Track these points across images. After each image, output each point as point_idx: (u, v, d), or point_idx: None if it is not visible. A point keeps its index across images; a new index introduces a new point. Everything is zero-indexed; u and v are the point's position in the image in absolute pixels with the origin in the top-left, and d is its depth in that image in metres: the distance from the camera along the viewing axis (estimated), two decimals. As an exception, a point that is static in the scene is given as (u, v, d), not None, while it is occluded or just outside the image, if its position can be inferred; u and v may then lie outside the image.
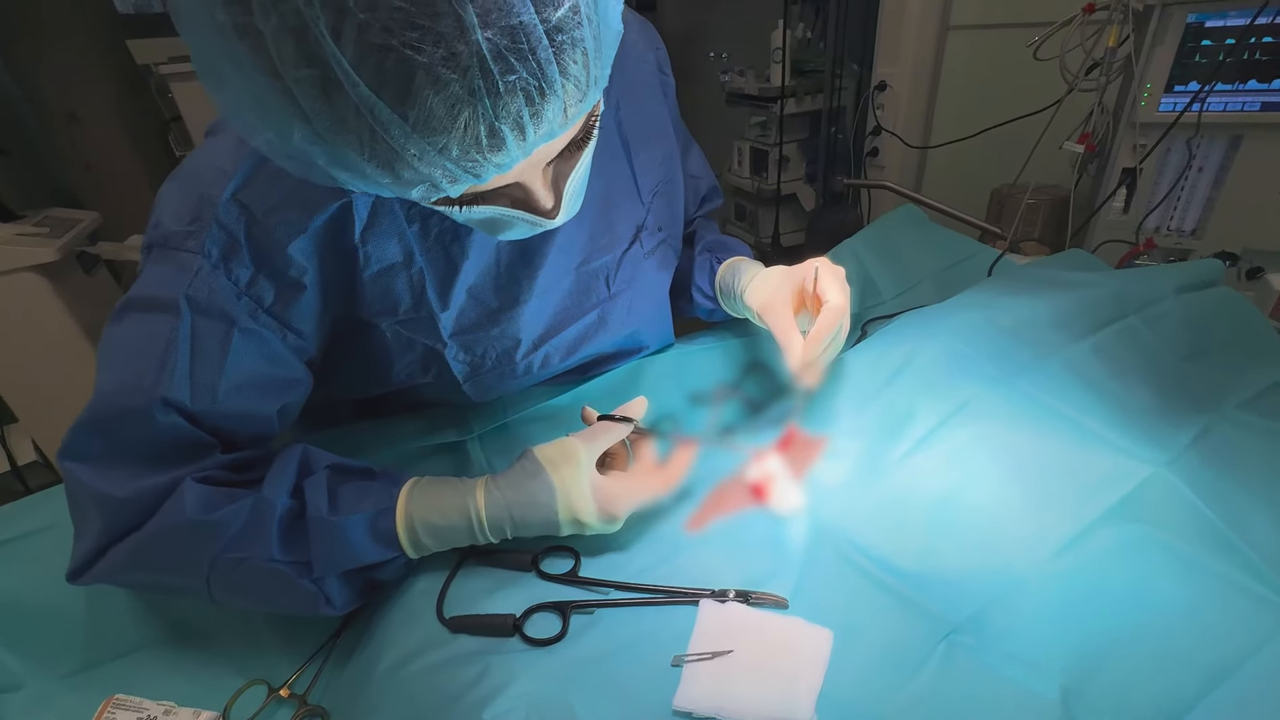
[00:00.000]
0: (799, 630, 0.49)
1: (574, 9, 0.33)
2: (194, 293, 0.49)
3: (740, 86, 2.07)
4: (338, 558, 0.51)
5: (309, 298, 0.53)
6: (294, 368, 0.55)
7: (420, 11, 0.29)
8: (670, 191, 0.75)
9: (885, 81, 1.71)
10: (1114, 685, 0.42)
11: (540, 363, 0.68)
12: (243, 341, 0.51)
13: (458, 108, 0.32)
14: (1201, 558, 0.47)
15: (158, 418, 0.48)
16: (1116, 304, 0.67)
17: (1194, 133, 1.07)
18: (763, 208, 2.21)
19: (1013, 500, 0.53)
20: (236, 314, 0.50)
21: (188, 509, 0.48)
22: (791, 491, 0.60)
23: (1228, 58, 1.02)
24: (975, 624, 0.46)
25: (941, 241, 1.00)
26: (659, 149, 0.72)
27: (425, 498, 0.53)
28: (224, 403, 0.51)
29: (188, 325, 0.49)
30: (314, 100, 0.32)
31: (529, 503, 0.53)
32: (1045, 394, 0.59)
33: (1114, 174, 1.17)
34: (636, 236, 0.71)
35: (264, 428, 0.56)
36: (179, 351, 0.49)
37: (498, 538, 0.54)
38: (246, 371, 0.52)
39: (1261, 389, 0.63)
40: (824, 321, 0.60)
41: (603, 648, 0.49)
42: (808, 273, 0.63)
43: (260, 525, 0.49)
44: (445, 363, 0.62)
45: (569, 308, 0.67)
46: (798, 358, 0.60)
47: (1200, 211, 1.16)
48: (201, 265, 0.49)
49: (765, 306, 0.66)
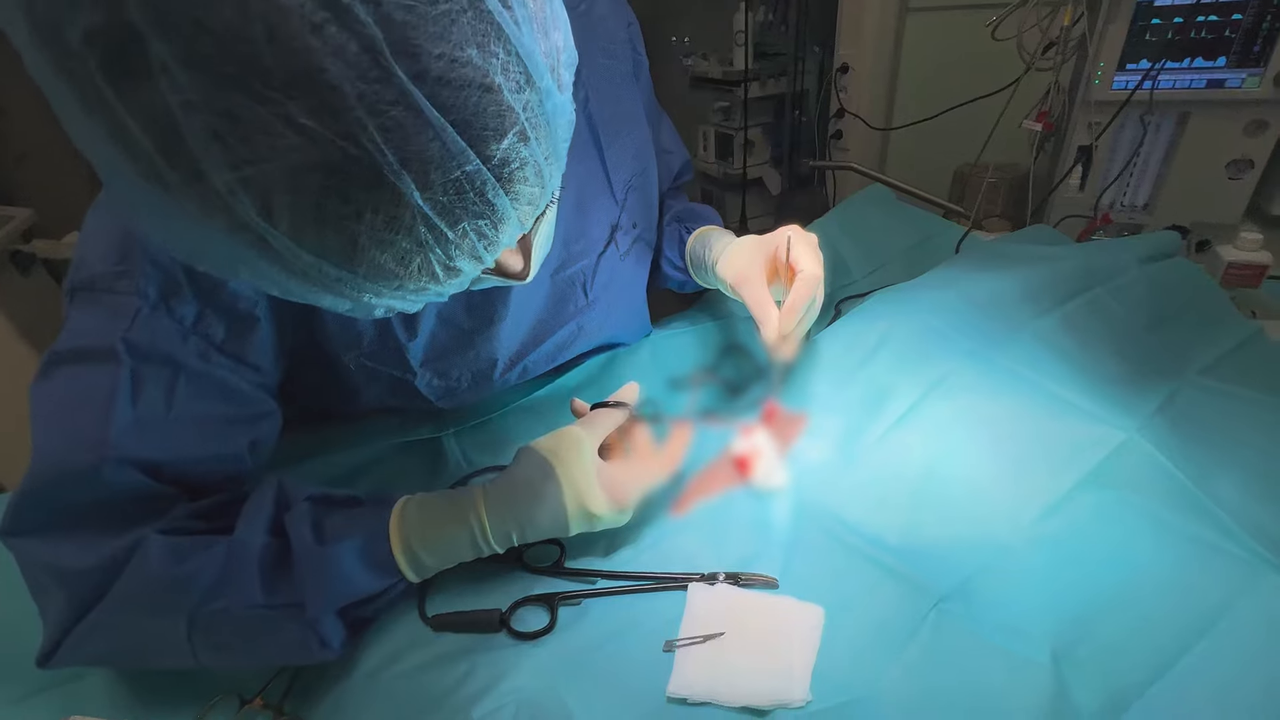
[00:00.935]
0: (790, 609, 0.49)
1: (520, 134, 0.30)
2: (133, 337, 0.44)
3: (704, 70, 2.05)
4: (332, 592, 0.46)
5: (264, 330, 0.49)
6: (258, 403, 0.51)
7: (353, 185, 0.27)
8: (645, 184, 0.72)
9: (847, 64, 1.71)
10: (1101, 646, 0.42)
11: (518, 376, 0.66)
12: (191, 385, 0.46)
13: (408, 258, 0.31)
14: (1175, 519, 0.49)
15: (108, 476, 0.44)
16: (1083, 276, 0.69)
17: (1147, 109, 1.10)
18: (729, 193, 2.20)
19: (993, 470, 0.53)
20: (183, 357, 0.45)
21: (153, 565, 0.43)
22: (775, 469, 0.59)
23: (1176, 36, 1.05)
24: (963, 593, 0.47)
25: (909, 220, 1.01)
26: (631, 139, 0.69)
27: (421, 514, 0.49)
28: (182, 449, 0.47)
29: (128, 372, 0.44)
30: (253, 253, 0.30)
31: (534, 500, 0.50)
32: (1019, 365, 0.59)
33: (1070, 152, 1.19)
34: (612, 237, 0.68)
35: (234, 467, 0.51)
36: (122, 401, 0.44)
37: (504, 546, 0.51)
38: (203, 413, 0.47)
39: (1220, 355, 0.65)
40: (798, 291, 0.58)
41: (593, 638, 0.49)
42: (780, 241, 0.61)
43: (238, 570, 0.45)
44: (415, 390, 0.59)
45: (546, 320, 0.65)
46: (773, 330, 0.59)
47: (1152, 187, 1.20)
48: (139, 307, 0.44)
49: (739, 278, 0.64)
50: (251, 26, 0.24)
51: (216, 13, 0.24)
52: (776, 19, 1.97)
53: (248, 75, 0.25)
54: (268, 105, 0.25)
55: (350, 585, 0.47)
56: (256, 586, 0.45)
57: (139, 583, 0.44)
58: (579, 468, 0.51)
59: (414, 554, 0.48)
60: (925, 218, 1.03)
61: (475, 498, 0.50)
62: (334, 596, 0.46)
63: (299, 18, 0.24)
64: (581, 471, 0.51)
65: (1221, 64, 1.05)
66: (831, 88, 1.77)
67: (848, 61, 1.72)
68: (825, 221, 0.99)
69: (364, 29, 0.25)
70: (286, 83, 0.25)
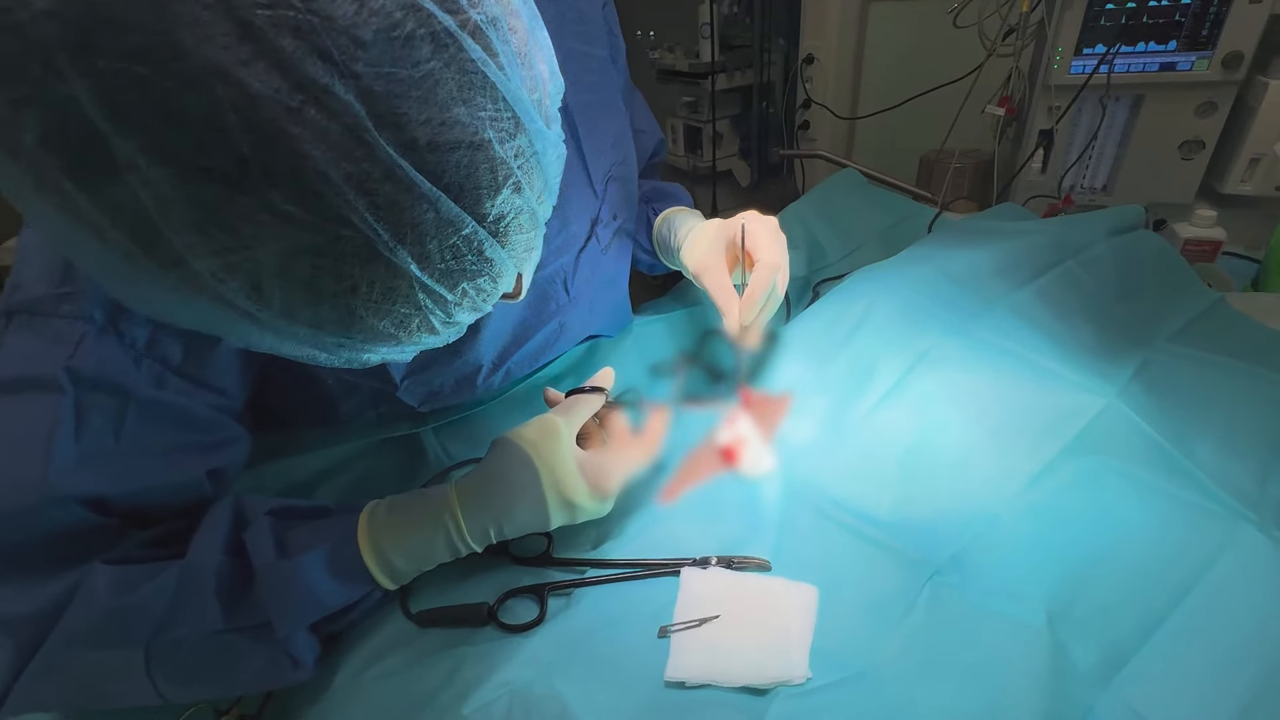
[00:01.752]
0: (784, 589, 0.48)
1: (514, 186, 0.29)
2: (77, 365, 0.40)
3: (671, 63, 2.04)
4: (300, 608, 0.43)
5: (225, 348, 0.45)
6: (219, 429, 0.47)
7: (346, 263, 0.26)
8: (625, 173, 0.70)
9: (812, 55, 1.73)
10: (1094, 606, 0.43)
11: (501, 380, 0.63)
12: (143, 414, 0.42)
13: (407, 321, 0.30)
14: (1156, 480, 0.49)
15: (53, 513, 0.40)
16: (1054, 250, 0.70)
17: (1104, 92, 1.13)
18: (699, 185, 2.20)
19: (979, 442, 0.54)
20: (133, 384, 0.42)
21: (100, 597, 0.40)
22: (763, 453, 0.59)
23: (1129, 20, 1.08)
24: (957, 563, 0.47)
25: (882, 202, 1.02)
26: (610, 128, 0.67)
27: (391, 517, 0.47)
28: (132, 481, 0.43)
29: (72, 402, 0.40)
30: (243, 323, 0.28)
31: (512, 493, 0.47)
32: (1000, 338, 0.60)
33: (1032, 135, 1.22)
34: (592, 232, 0.66)
35: (191, 495, 0.46)
36: (64, 435, 0.40)
37: (482, 544, 0.48)
38: (156, 442, 0.43)
39: (1186, 322, 0.67)
40: (757, 280, 0.57)
41: (585, 627, 0.47)
42: (737, 229, 0.60)
43: (194, 593, 0.41)
44: (396, 400, 0.57)
45: (527, 320, 0.62)
46: (734, 320, 0.58)
47: (1110, 168, 1.23)
48: (85, 332, 0.40)
49: (699, 266, 0.63)
50: (224, 117, 0.22)
51: (182, 105, 0.22)
52: (741, 11, 1.98)
53: (225, 168, 0.23)
54: (250, 195, 0.24)
55: (319, 599, 0.43)
56: (215, 610, 0.41)
57: (86, 617, 0.40)
58: (558, 456, 0.48)
59: (386, 559, 0.45)
60: (898, 200, 1.04)
61: (449, 495, 0.47)
62: (302, 612, 0.43)
63: (274, 104, 0.23)
64: (560, 460, 0.48)
65: (1172, 47, 1.08)
66: (797, 78, 1.78)
67: (813, 52, 1.74)
68: (800, 205, 0.99)
69: (345, 108, 0.23)
70: (268, 172, 0.23)
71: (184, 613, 0.41)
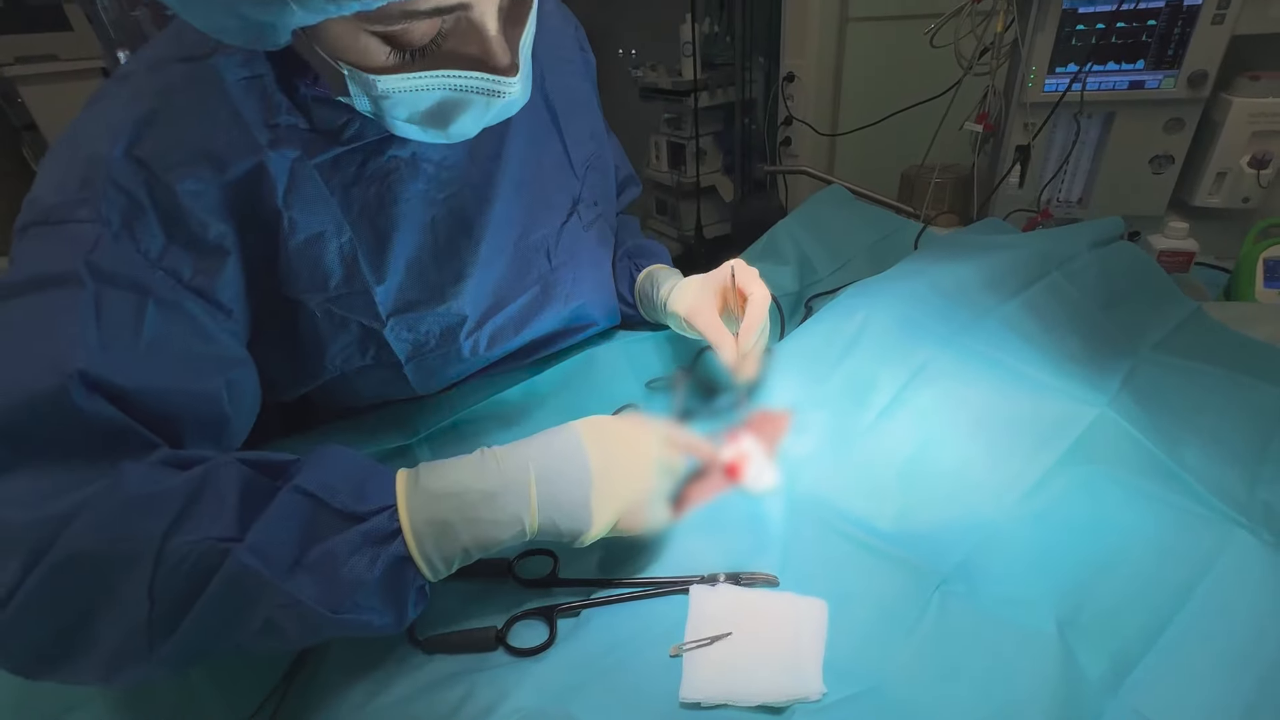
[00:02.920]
0: (794, 604, 0.49)
1: None
2: (96, 259, 0.40)
3: (653, 81, 2.08)
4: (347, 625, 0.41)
5: (232, 267, 0.47)
6: (230, 347, 0.48)
7: None
8: (602, 166, 0.74)
9: (793, 73, 1.77)
10: (1100, 612, 0.44)
11: (487, 342, 0.64)
12: (162, 314, 0.43)
13: None
14: (1150, 488, 0.51)
15: (76, 401, 0.38)
16: (1040, 262, 0.72)
17: (1078, 109, 1.16)
18: (683, 201, 2.23)
19: (978, 452, 0.55)
20: (151, 283, 0.42)
21: (125, 484, 0.38)
22: (767, 469, 0.59)
23: (1099, 41, 1.12)
24: (964, 572, 0.47)
25: (868, 218, 1.04)
26: (586, 122, 0.71)
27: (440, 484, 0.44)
28: (153, 378, 0.42)
29: (91, 294, 0.40)
30: None
31: (578, 494, 0.46)
32: (993, 349, 0.61)
33: (1010, 151, 1.26)
34: (574, 209, 0.69)
35: (211, 409, 0.46)
36: (87, 321, 0.39)
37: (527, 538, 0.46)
38: (175, 344, 0.43)
39: (1168, 330, 0.69)
40: (752, 313, 0.62)
41: (596, 649, 0.47)
42: (727, 273, 0.66)
43: (215, 490, 0.39)
44: (385, 343, 0.57)
45: (511, 281, 0.64)
46: (733, 352, 0.62)
47: (1085, 182, 1.27)
48: (101, 234, 0.41)
49: (691, 311, 0.67)
50: None
51: None
52: (722, 30, 2.01)
53: None
54: None
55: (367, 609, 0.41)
56: (233, 507, 0.39)
57: (106, 506, 0.37)
58: (642, 484, 0.49)
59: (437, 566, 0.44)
60: (884, 215, 1.06)
61: (525, 470, 0.45)
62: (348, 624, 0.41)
63: None
64: (642, 490, 0.49)
65: (1140, 66, 1.12)
66: (779, 96, 1.81)
67: (793, 71, 1.78)
68: (789, 221, 1.00)
69: None
70: None
71: (204, 507, 0.38)
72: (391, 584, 0.42)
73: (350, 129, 0.50)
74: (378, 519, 0.42)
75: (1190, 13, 1.05)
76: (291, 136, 0.48)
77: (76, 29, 1.60)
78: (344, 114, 0.50)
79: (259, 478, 0.42)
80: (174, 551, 0.37)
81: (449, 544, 0.43)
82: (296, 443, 0.63)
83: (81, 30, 1.59)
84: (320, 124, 0.49)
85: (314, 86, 0.49)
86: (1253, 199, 1.10)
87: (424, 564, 0.43)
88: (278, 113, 0.47)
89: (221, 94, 0.46)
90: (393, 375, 0.61)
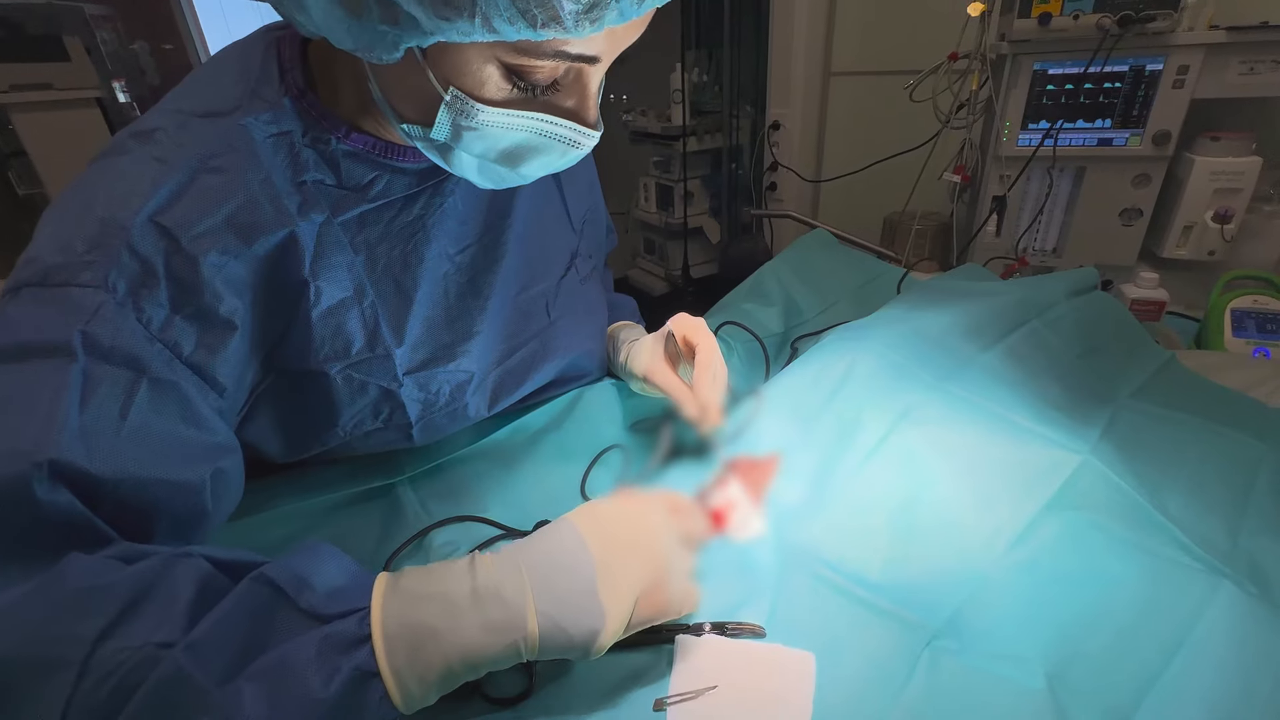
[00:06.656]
0: (781, 656, 0.47)
1: None
2: (94, 330, 0.38)
3: (643, 125, 2.13)
4: None
5: (236, 343, 0.44)
6: (218, 432, 0.45)
7: None
8: (596, 219, 0.77)
9: (779, 121, 1.83)
10: (1090, 666, 0.43)
11: (490, 399, 0.63)
12: (154, 394, 0.40)
13: None
14: (1135, 536, 0.51)
15: (38, 493, 0.35)
16: (1020, 310, 0.73)
17: (1051, 163, 1.21)
18: (671, 241, 2.26)
19: (964, 499, 0.54)
20: (148, 358, 0.40)
21: (68, 577, 0.34)
22: (754, 516, 0.58)
23: (1068, 100, 1.18)
24: (954, 627, 0.46)
25: (852, 262, 1.06)
26: (583, 177, 0.73)
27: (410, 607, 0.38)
28: (133, 465, 0.38)
29: (81, 370, 0.37)
30: None
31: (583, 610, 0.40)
32: (976, 395, 0.62)
33: (986, 201, 1.30)
34: (572, 263, 0.71)
35: (191, 501, 0.42)
36: (71, 401, 0.36)
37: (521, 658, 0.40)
38: (162, 431, 0.41)
39: (1145, 379, 0.71)
40: (701, 361, 0.63)
41: (577, 701, 0.45)
42: (667, 332, 0.67)
43: (164, 590, 0.35)
44: (399, 403, 0.56)
45: (511, 336, 0.64)
46: (693, 401, 0.63)
47: (1059, 232, 1.31)
48: (103, 302, 0.38)
49: (648, 371, 0.69)
50: None
51: None
52: (711, 79, 2.08)
53: None
54: None
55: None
56: (182, 611, 0.34)
57: (37, 608, 0.33)
58: (654, 560, 0.43)
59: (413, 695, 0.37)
60: (867, 260, 1.08)
61: (517, 567, 0.40)
62: None
63: None
64: (656, 567, 0.43)
65: (1108, 125, 1.18)
66: (764, 143, 1.87)
67: (779, 119, 1.84)
68: (776, 264, 1.02)
69: None
70: None
71: (151, 606, 0.34)
72: (350, 708, 0.35)
73: (377, 185, 0.50)
74: (344, 622, 0.36)
75: (1152, 77, 1.11)
76: (318, 196, 0.48)
77: (74, 60, 1.61)
78: (372, 170, 0.50)
79: (220, 577, 0.37)
80: (105, 660, 0.32)
81: (427, 656, 0.36)
82: (278, 482, 0.61)
83: (79, 61, 1.60)
84: (348, 180, 0.49)
85: (346, 140, 0.48)
86: (1218, 252, 1.14)
87: (393, 682, 0.35)
88: (305, 170, 0.47)
89: (253, 158, 0.45)
90: (400, 434, 0.59)
